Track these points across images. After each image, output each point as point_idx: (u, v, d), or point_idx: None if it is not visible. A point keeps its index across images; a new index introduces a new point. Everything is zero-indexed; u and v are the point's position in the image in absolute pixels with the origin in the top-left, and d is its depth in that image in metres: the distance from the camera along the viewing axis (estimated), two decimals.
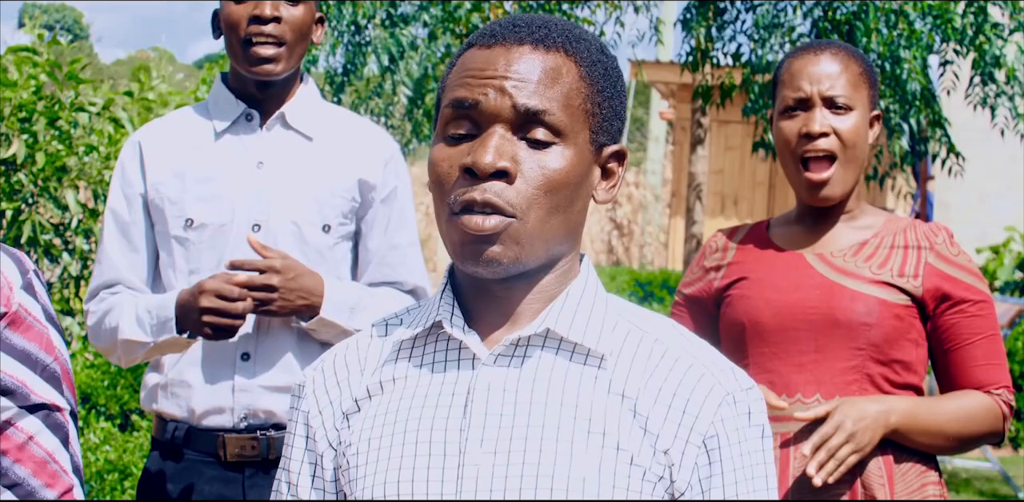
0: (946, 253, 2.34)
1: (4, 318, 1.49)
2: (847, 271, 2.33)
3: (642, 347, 1.42)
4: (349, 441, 1.43)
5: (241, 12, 2.49)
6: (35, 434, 1.51)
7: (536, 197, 1.36)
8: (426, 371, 1.43)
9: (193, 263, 2.52)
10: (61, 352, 1.55)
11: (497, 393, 1.39)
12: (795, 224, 2.43)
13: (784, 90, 2.36)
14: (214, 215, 2.51)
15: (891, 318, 2.29)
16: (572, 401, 1.38)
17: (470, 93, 1.37)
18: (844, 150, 2.32)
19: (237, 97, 2.57)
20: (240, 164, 2.54)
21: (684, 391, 1.39)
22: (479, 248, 1.35)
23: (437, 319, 1.42)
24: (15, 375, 1.49)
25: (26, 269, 1.54)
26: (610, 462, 1.35)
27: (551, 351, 1.41)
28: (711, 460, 1.38)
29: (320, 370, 1.49)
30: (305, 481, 1.46)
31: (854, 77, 2.34)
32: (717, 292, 2.44)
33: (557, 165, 1.37)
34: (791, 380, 2.31)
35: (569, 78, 1.39)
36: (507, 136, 1.36)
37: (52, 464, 1.52)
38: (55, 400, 1.53)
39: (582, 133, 1.39)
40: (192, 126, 2.60)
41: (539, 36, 1.40)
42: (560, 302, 1.42)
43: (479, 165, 1.34)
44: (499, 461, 1.36)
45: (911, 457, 2.31)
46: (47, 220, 5.16)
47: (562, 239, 1.40)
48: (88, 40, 41.94)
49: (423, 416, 1.39)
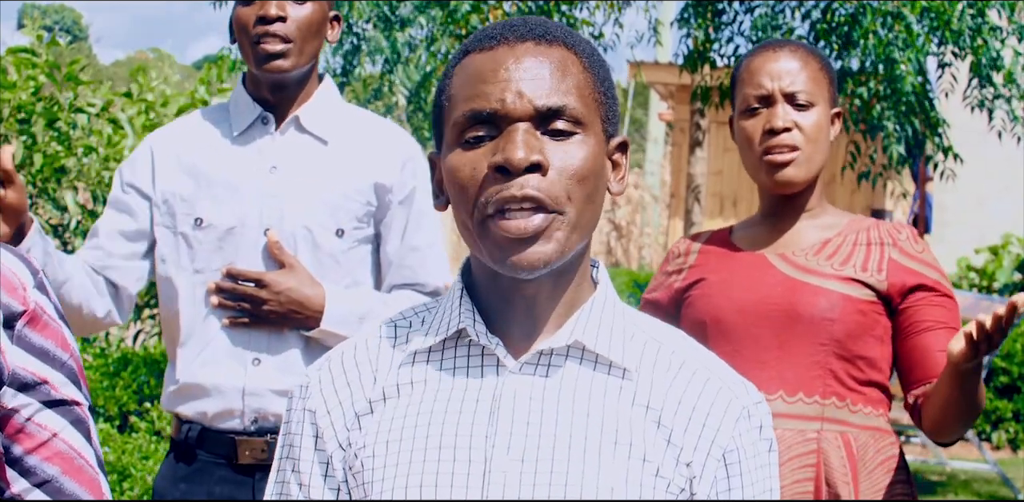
0: (910, 249, 2.33)
1: (23, 316, 1.50)
2: (809, 268, 2.32)
3: (660, 359, 1.43)
4: (363, 443, 1.41)
5: (249, 14, 2.51)
6: (59, 431, 1.51)
7: (571, 188, 1.36)
8: (447, 376, 1.42)
9: (199, 262, 2.53)
10: (74, 349, 1.56)
11: (524, 401, 1.38)
12: (758, 225, 2.43)
13: (745, 88, 2.36)
14: (224, 217, 2.52)
15: (854, 313, 2.28)
16: (598, 412, 1.38)
17: (487, 102, 1.36)
18: (807, 144, 2.31)
19: (254, 100, 2.58)
20: (253, 168, 2.54)
21: (704, 405, 1.40)
22: (524, 249, 1.34)
23: (460, 326, 1.41)
24: (36, 372, 1.50)
25: (36, 269, 1.55)
26: (636, 473, 1.36)
27: (576, 361, 1.41)
28: (729, 474, 1.40)
29: (327, 370, 1.47)
30: (317, 481, 1.44)
31: (814, 73, 2.34)
32: (677, 293, 2.44)
33: (583, 154, 1.37)
34: (754, 377, 2.28)
35: (576, 69, 1.40)
36: (531, 131, 1.36)
37: (79, 460, 1.52)
38: (75, 396, 1.53)
39: (596, 122, 1.40)
40: (210, 127, 2.61)
41: (539, 32, 1.41)
42: (586, 312, 1.42)
43: (512, 161, 1.33)
44: (526, 469, 1.35)
45: (876, 457, 2.29)
46: (46, 221, 5.16)
47: (589, 232, 1.41)
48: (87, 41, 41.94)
49: (446, 421, 1.39)
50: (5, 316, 1.48)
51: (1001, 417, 8.31)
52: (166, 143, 2.61)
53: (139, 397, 5.76)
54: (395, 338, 1.46)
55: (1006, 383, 8.30)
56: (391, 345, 1.46)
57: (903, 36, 5.90)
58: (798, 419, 2.29)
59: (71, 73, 5.20)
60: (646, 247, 19.63)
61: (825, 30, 6.18)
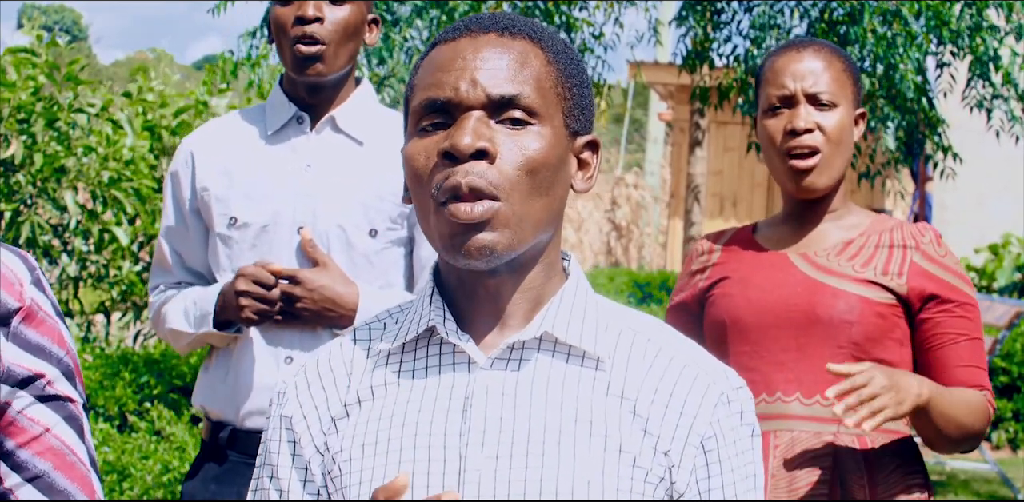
0: (932, 253, 2.32)
1: (19, 313, 1.50)
2: (830, 270, 2.32)
3: (636, 347, 1.42)
4: (339, 447, 1.41)
5: (287, 14, 2.51)
6: (52, 426, 1.51)
7: (518, 177, 1.35)
8: (420, 376, 1.41)
9: (236, 262, 2.54)
10: (71, 346, 1.56)
11: (496, 397, 1.38)
12: (781, 225, 2.43)
13: (768, 88, 2.36)
14: (258, 215, 2.52)
15: (873, 316, 2.27)
16: (572, 404, 1.37)
17: (441, 91, 1.37)
18: (829, 146, 2.31)
19: (290, 100, 2.59)
20: (288, 166, 2.55)
21: (681, 392, 1.39)
22: (470, 237, 1.34)
23: (430, 324, 1.41)
24: (32, 368, 1.50)
25: (32, 266, 1.55)
26: (613, 464, 1.35)
27: (548, 354, 1.40)
28: (708, 461, 1.38)
29: (303, 376, 1.47)
30: (296, 487, 1.44)
31: (837, 74, 2.33)
32: (701, 292, 2.43)
33: (536, 146, 1.36)
34: (772, 378, 2.30)
35: (537, 62, 1.39)
36: (483, 119, 1.36)
37: (71, 456, 1.52)
38: (69, 393, 1.53)
39: (556, 116, 1.39)
40: (245, 127, 2.62)
41: (504, 24, 1.41)
42: (555, 304, 1.41)
43: (458, 147, 1.33)
44: (501, 466, 1.35)
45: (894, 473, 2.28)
46: (46, 221, 5.16)
47: (546, 225, 1.39)
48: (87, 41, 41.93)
49: (420, 421, 1.38)
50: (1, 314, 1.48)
51: (1001, 417, 8.31)
52: (203, 144, 2.63)
53: (139, 397, 5.76)
54: (369, 341, 1.46)
55: (1006, 383, 8.30)
56: (365, 348, 1.46)
57: (902, 35, 5.90)
58: (815, 421, 2.27)
59: (71, 73, 5.20)
60: (646, 247, 19.63)
61: (823, 29, 6.18)
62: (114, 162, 5.17)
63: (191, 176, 2.60)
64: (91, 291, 5.84)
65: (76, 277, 5.42)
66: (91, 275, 5.57)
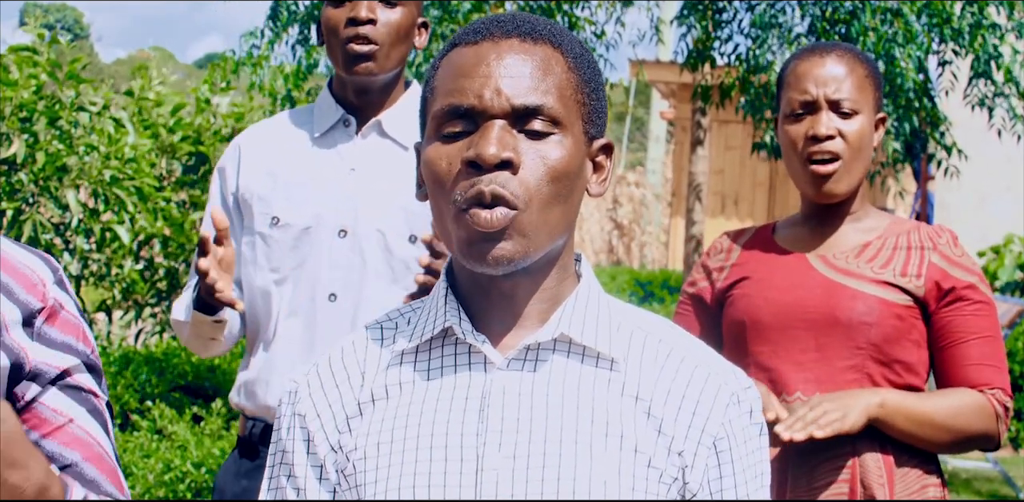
0: (950, 254, 2.34)
1: (42, 313, 1.51)
2: (849, 271, 2.33)
3: (648, 348, 1.43)
4: (354, 445, 1.41)
5: (339, 16, 2.52)
6: (76, 417, 1.51)
7: (539, 187, 1.36)
8: (436, 375, 1.42)
9: (274, 261, 2.55)
10: (94, 346, 1.57)
11: (513, 397, 1.38)
12: (800, 226, 2.44)
13: (789, 93, 2.36)
14: (300, 217, 2.53)
15: (891, 318, 2.29)
16: (588, 404, 1.38)
17: (465, 98, 1.37)
18: (849, 152, 2.32)
19: (338, 103, 2.60)
20: (332, 169, 2.56)
21: (693, 392, 1.40)
22: (489, 246, 1.35)
23: (446, 324, 1.41)
24: (59, 365, 1.51)
25: (55, 267, 1.56)
26: (628, 464, 1.36)
27: (563, 355, 1.41)
28: (720, 461, 1.40)
29: (315, 374, 1.47)
30: (312, 484, 1.44)
31: (859, 80, 2.33)
32: (720, 292, 2.45)
33: (558, 155, 1.37)
34: (791, 379, 2.31)
35: (559, 69, 1.40)
36: (507, 128, 1.37)
37: (98, 447, 1.52)
38: (93, 387, 1.54)
39: (576, 123, 1.40)
40: (293, 128, 2.63)
41: (526, 29, 1.41)
42: (570, 305, 1.42)
43: (484, 156, 1.34)
44: (518, 466, 1.35)
45: (912, 460, 2.30)
46: (47, 220, 5.16)
47: (562, 231, 1.41)
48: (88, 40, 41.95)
49: (436, 421, 1.38)
50: (25, 315, 1.49)
51: None
52: (251, 143, 2.64)
53: (140, 396, 5.76)
54: (382, 340, 1.47)
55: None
56: (378, 347, 1.46)
57: (903, 33, 5.90)
58: None
59: (72, 72, 5.20)
60: (648, 245, 19.63)
61: (824, 28, 6.17)
62: (116, 161, 5.17)
63: (236, 173, 2.61)
64: (93, 290, 5.85)
65: (78, 276, 5.42)
66: (92, 274, 5.57)
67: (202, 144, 5.67)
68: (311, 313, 2.53)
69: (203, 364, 6.17)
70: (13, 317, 1.49)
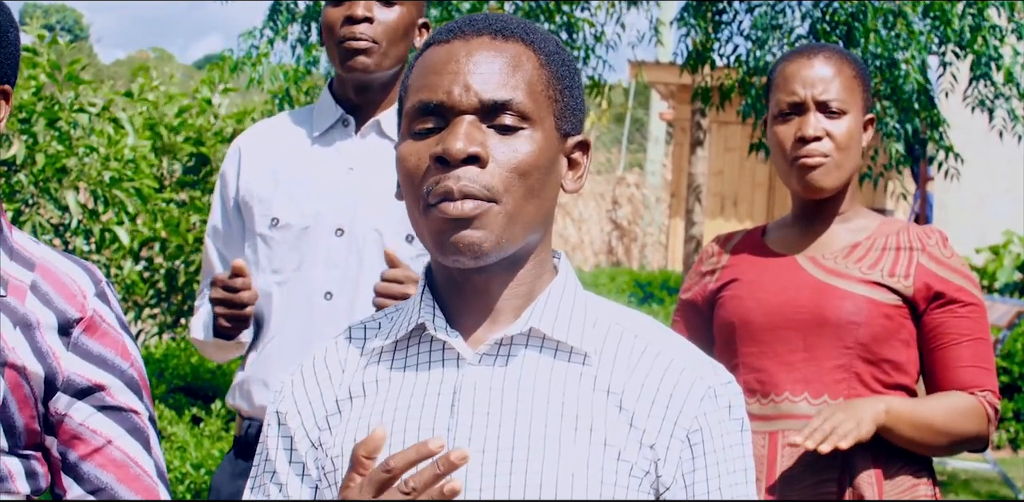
0: (939, 254, 2.35)
1: (80, 324, 1.51)
2: (837, 272, 2.34)
3: (623, 343, 1.43)
4: (332, 443, 1.43)
5: (337, 15, 2.53)
6: (115, 438, 1.51)
7: (510, 180, 1.37)
8: (410, 372, 1.43)
9: (276, 262, 2.56)
10: (136, 359, 1.56)
11: (483, 392, 1.40)
12: (790, 227, 2.45)
13: (778, 94, 2.37)
14: (299, 216, 2.54)
15: (880, 317, 2.30)
16: (558, 398, 1.39)
17: (434, 94, 1.39)
18: (838, 152, 2.33)
19: (338, 103, 2.61)
20: (331, 168, 2.57)
21: (667, 386, 1.40)
22: (459, 234, 1.36)
23: (420, 321, 1.43)
24: (93, 378, 1.50)
25: (98, 279, 1.56)
26: (598, 458, 1.37)
27: (535, 349, 1.42)
28: (694, 454, 1.40)
29: (299, 374, 1.50)
30: (294, 481, 1.46)
31: (848, 81, 2.35)
32: (711, 294, 2.46)
33: (527, 149, 1.39)
34: (780, 379, 2.33)
35: (530, 65, 1.41)
36: (475, 124, 1.38)
37: (135, 468, 1.52)
38: (133, 404, 1.53)
39: (548, 119, 1.41)
40: (292, 128, 2.64)
41: (497, 27, 1.42)
42: (542, 300, 1.43)
43: (450, 151, 1.35)
44: (487, 459, 1.37)
45: (903, 466, 2.31)
46: (47, 221, 5.16)
47: (537, 225, 1.42)
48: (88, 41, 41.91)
49: (409, 417, 1.40)
50: (61, 323, 1.49)
51: (1002, 417, 8.31)
52: (251, 144, 2.65)
53: None
54: (364, 339, 1.49)
55: (1006, 383, 8.30)
56: (359, 346, 1.48)
57: (904, 34, 5.90)
58: None
59: (72, 73, 5.20)
60: (647, 247, 19.62)
61: (826, 29, 6.17)
62: (115, 162, 5.17)
63: (236, 176, 2.62)
64: None
65: None
66: None
67: (203, 145, 5.67)
68: (307, 312, 2.53)
69: (202, 366, 6.17)
70: (48, 322, 1.49)
